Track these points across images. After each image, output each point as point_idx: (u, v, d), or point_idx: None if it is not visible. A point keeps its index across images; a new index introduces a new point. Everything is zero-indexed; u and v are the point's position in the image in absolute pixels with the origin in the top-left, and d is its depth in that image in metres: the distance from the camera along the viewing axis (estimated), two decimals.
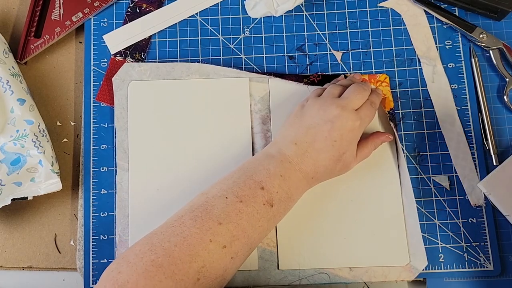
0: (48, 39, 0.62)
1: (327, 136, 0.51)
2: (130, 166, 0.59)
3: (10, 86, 0.57)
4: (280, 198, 0.50)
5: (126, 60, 0.62)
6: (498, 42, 0.61)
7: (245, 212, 0.48)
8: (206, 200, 0.49)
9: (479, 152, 0.59)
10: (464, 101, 0.60)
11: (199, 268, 0.45)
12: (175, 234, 0.46)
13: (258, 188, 0.49)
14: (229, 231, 0.47)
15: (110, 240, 0.58)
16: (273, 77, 0.61)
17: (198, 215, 0.47)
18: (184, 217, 0.47)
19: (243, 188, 0.49)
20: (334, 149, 0.52)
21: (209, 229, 0.46)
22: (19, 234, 0.59)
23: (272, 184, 0.50)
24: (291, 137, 0.53)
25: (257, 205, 0.48)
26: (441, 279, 0.57)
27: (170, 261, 0.44)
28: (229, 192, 0.49)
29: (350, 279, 0.56)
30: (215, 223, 0.47)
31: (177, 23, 0.63)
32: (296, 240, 0.57)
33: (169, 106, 0.60)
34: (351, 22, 0.63)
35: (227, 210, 0.47)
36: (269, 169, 0.50)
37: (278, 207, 0.50)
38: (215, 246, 0.46)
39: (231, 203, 0.48)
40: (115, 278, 0.44)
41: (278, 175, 0.50)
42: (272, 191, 0.49)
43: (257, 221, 0.48)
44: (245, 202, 0.48)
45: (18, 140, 0.56)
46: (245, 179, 0.50)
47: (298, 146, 0.52)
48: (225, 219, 0.47)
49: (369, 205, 0.58)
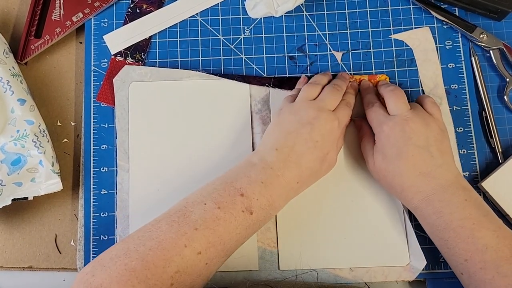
0: (49, 40, 0.62)
1: (307, 138, 0.51)
2: (131, 166, 0.59)
3: (11, 86, 0.57)
4: (260, 205, 0.49)
5: (126, 61, 0.62)
6: (498, 42, 0.61)
7: (223, 219, 0.47)
8: (185, 205, 0.48)
9: (479, 153, 0.59)
10: (465, 101, 0.60)
11: (173, 273, 0.44)
12: (150, 238, 0.45)
13: (238, 195, 0.48)
14: (205, 237, 0.46)
15: (110, 240, 0.58)
16: (273, 87, 0.60)
17: (175, 220, 0.47)
18: (161, 222, 0.47)
19: (222, 194, 0.48)
20: (317, 150, 0.51)
21: (185, 234, 0.46)
22: (19, 234, 0.59)
23: (252, 191, 0.49)
24: (271, 144, 0.52)
25: (235, 212, 0.48)
26: (441, 280, 0.57)
27: (143, 265, 0.44)
28: (208, 198, 0.48)
29: (351, 279, 0.56)
30: (191, 229, 0.46)
31: (177, 23, 0.63)
32: (296, 241, 0.57)
33: (170, 107, 0.60)
34: (352, 22, 0.63)
35: (205, 216, 0.47)
36: (250, 176, 0.50)
37: (257, 214, 0.49)
38: (190, 251, 0.45)
39: (209, 209, 0.47)
40: (88, 281, 0.43)
41: (259, 182, 0.49)
42: (252, 197, 0.49)
43: (234, 228, 0.48)
44: (223, 208, 0.48)
45: (18, 140, 0.56)
46: (225, 186, 0.49)
47: (279, 152, 0.51)
48: (202, 225, 0.46)
49: (369, 206, 0.58)
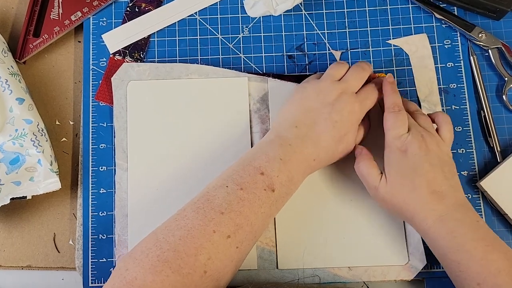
0: (47, 38, 0.62)
1: (327, 118, 0.51)
2: (129, 165, 0.58)
3: (9, 85, 0.57)
4: (281, 181, 0.49)
5: (125, 59, 0.62)
6: (497, 41, 0.61)
7: (247, 199, 0.48)
8: (207, 191, 0.49)
9: (478, 152, 0.59)
10: (463, 100, 0.60)
11: (205, 261, 0.44)
12: (179, 228, 0.46)
13: (258, 174, 0.49)
14: (231, 220, 0.46)
15: (109, 239, 0.58)
16: (272, 78, 0.61)
17: (200, 206, 0.47)
18: (186, 210, 0.48)
19: (242, 175, 0.49)
20: (335, 130, 0.52)
21: (212, 220, 0.46)
22: (18, 233, 0.59)
23: (271, 168, 0.49)
24: (290, 120, 0.52)
25: (258, 191, 0.48)
26: (440, 279, 0.57)
27: (175, 255, 0.44)
28: (229, 180, 0.49)
29: (350, 278, 0.56)
30: (217, 213, 0.46)
31: (176, 22, 0.63)
32: (295, 240, 0.57)
33: (168, 105, 0.60)
34: (350, 21, 0.63)
35: (228, 199, 0.47)
36: (268, 154, 0.50)
37: (279, 191, 0.49)
38: (219, 236, 0.46)
39: (232, 192, 0.48)
40: (123, 275, 0.44)
41: (277, 159, 0.50)
42: (272, 175, 0.49)
43: (259, 207, 0.48)
44: (245, 189, 0.48)
45: (17, 139, 0.55)
46: (244, 166, 0.49)
47: (299, 129, 0.51)
48: (227, 208, 0.47)
49: (368, 205, 0.57)
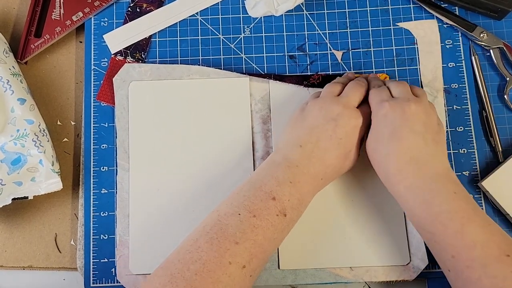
0: (49, 39, 0.62)
1: (331, 135, 0.51)
2: (131, 166, 0.58)
3: (11, 85, 0.57)
4: (292, 205, 0.48)
5: (126, 60, 0.62)
6: (498, 41, 0.61)
7: (260, 227, 0.46)
8: (218, 218, 0.47)
9: (479, 152, 0.59)
10: (465, 100, 0.60)
11: None
12: (193, 261, 0.44)
13: (270, 199, 0.47)
14: (247, 249, 0.45)
15: (110, 239, 0.58)
16: (273, 80, 0.61)
17: (214, 236, 0.45)
18: (199, 240, 0.46)
19: (254, 201, 0.47)
20: (340, 147, 0.51)
21: (227, 251, 0.44)
22: (19, 233, 0.59)
23: (283, 192, 0.48)
24: (295, 140, 0.52)
25: (271, 217, 0.47)
26: (441, 279, 0.56)
27: None
28: (241, 207, 0.47)
29: (351, 278, 0.56)
30: (232, 243, 0.45)
31: (177, 22, 0.63)
32: (296, 240, 0.57)
33: (170, 106, 0.60)
34: (352, 21, 0.63)
35: (242, 228, 0.46)
36: (278, 177, 0.49)
37: (291, 215, 0.48)
38: (235, 268, 0.44)
39: (245, 219, 0.46)
40: None
41: (287, 182, 0.49)
42: (284, 199, 0.48)
43: (272, 234, 0.47)
44: (258, 216, 0.46)
45: (18, 140, 0.56)
46: (255, 192, 0.48)
47: (304, 148, 0.51)
48: (241, 237, 0.45)
49: (370, 205, 0.57)
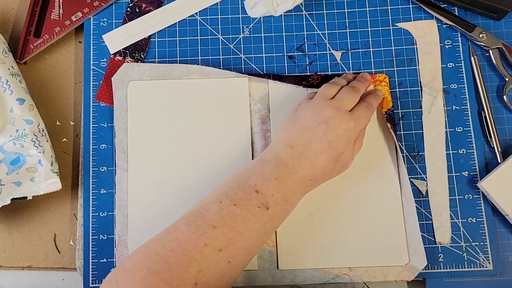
0: (48, 39, 0.62)
1: (322, 137, 0.51)
2: (130, 166, 0.59)
3: (10, 85, 0.57)
4: (275, 200, 0.49)
5: (125, 60, 0.62)
6: (497, 41, 0.61)
7: (240, 215, 0.47)
8: (201, 206, 0.49)
9: (479, 152, 0.59)
10: (464, 100, 0.60)
11: (195, 273, 0.44)
12: (170, 240, 0.46)
13: (253, 192, 0.49)
14: (224, 234, 0.46)
15: (109, 239, 0.58)
16: (273, 80, 0.61)
17: (193, 220, 0.47)
18: (179, 223, 0.48)
19: (237, 192, 0.49)
20: (331, 150, 0.52)
21: (204, 233, 0.46)
22: (18, 233, 0.59)
23: (266, 187, 0.49)
24: (287, 141, 0.52)
25: (252, 208, 0.48)
26: (440, 279, 0.57)
27: (166, 267, 0.44)
28: (223, 196, 0.49)
29: (350, 279, 0.56)
30: (210, 227, 0.46)
31: (176, 22, 0.63)
32: (295, 240, 0.57)
33: (169, 106, 0.60)
34: (351, 21, 0.63)
35: (222, 214, 0.47)
36: (264, 173, 0.50)
37: (274, 210, 0.49)
38: (211, 250, 0.46)
39: (226, 207, 0.48)
40: (113, 287, 0.44)
41: (273, 178, 0.50)
42: (267, 194, 0.49)
43: (252, 224, 0.48)
44: (239, 205, 0.48)
45: (17, 140, 0.56)
46: (239, 184, 0.50)
47: (294, 149, 0.52)
48: (219, 222, 0.47)
49: (369, 205, 0.57)
